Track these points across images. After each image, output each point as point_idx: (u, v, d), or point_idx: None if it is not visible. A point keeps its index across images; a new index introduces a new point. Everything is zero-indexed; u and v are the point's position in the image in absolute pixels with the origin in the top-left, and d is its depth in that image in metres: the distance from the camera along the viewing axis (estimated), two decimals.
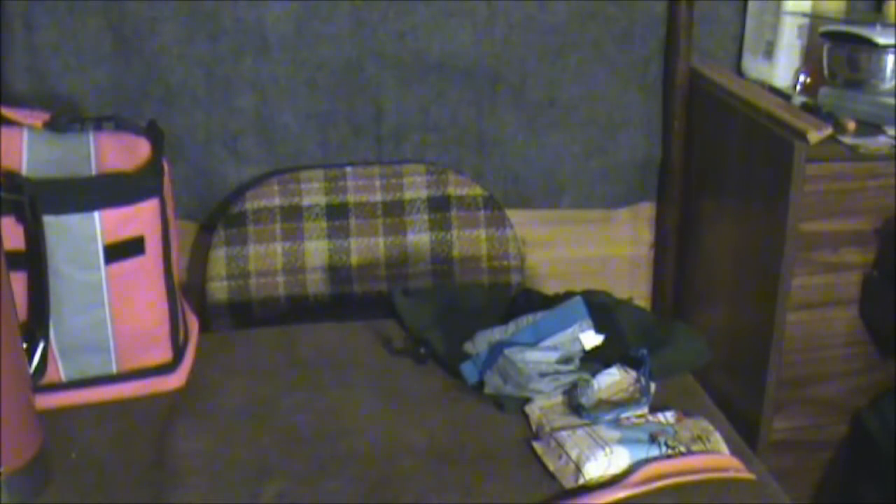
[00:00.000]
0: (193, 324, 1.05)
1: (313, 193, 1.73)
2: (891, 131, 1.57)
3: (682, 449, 0.88)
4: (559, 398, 0.97)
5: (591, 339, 1.02)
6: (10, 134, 0.89)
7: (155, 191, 0.91)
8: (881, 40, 1.58)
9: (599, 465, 0.85)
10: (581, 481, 0.84)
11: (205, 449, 0.89)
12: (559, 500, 0.83)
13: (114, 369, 0.93)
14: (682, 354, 1.06)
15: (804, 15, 1.78)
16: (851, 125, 1.58)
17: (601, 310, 1.06)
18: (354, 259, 1.74)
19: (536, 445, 0.91)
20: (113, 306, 0.90)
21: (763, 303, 1.62)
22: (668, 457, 0.87)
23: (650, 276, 2.02)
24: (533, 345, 1.00)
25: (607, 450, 0.86)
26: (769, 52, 1.83)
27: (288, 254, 1.71)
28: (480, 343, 1.03)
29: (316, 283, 1.73)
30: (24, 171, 0.87)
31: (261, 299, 1.71)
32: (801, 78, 1.75)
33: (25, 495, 0.79)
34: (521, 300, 1.15)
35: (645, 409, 0.95)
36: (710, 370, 1.10)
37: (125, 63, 1.67)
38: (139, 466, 0.86)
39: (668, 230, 1.96)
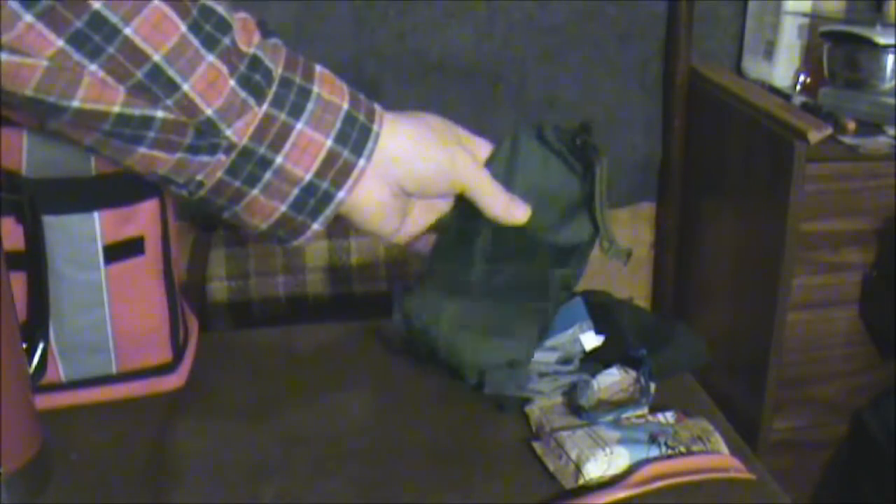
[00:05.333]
0: (193, 324, 1.05)
1: None
2: (891, 131, 1.57)
3: (682, 449, 0.88)
4: (559, 398, 0.97)
5: (592, 339, 1.02)
6: (10, 134, 0.88)
7: (155, 191, 0.91)
8: (881, 40, 1.58)
9: (599, 466, 0.85)
10: (581, 481, 0.84)
11: (205, 449, 0.89)
12: (559, 501, 0.83)
13: (114, 369, 0.93)
14: (682, 354, 1.06)
15: (804, 15, 1.78)
16: (851, 125, 1.58)
17: (601, 310, 1.06)
18: (354, 259, 1.73)
19: (536, 445, 0.90)
20: (113, 307, 0.90)
21: (763, 303, 1.62)
22: (668, 457, 0.87)
23: (650, 276, 2.02)
24: None
25: (607, 450, 0.86)
26: (769, 52, 1.83)
27: (288, 254, 1.71)
28: None
29: (316, 283, 1.73)
30: (24, 171, 0.87)
31: (261, 299, 1.71)
32: (801, 78, 1.75)
33: (25, 495, 0.79)
34: None
35: (645, 410, 0.95)
36: (710, 370, 1.09)
37: None
38: (139, 466, 0.86)
39: (668, 230, 1.96)
